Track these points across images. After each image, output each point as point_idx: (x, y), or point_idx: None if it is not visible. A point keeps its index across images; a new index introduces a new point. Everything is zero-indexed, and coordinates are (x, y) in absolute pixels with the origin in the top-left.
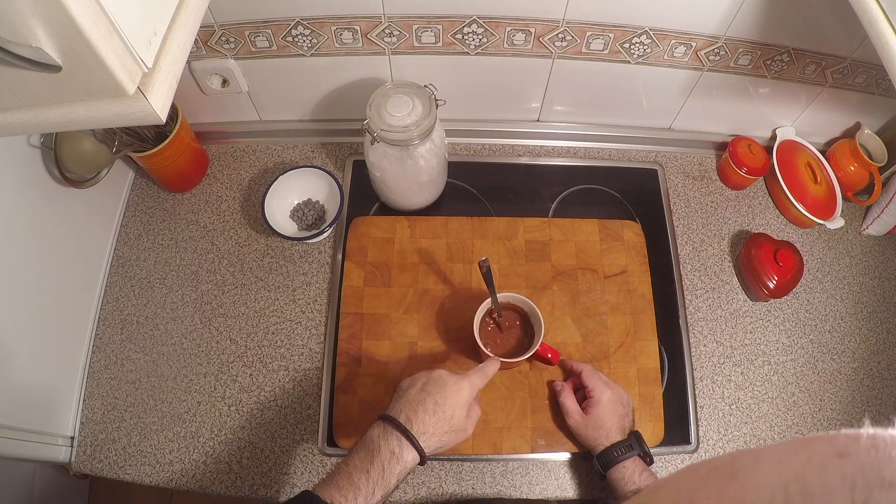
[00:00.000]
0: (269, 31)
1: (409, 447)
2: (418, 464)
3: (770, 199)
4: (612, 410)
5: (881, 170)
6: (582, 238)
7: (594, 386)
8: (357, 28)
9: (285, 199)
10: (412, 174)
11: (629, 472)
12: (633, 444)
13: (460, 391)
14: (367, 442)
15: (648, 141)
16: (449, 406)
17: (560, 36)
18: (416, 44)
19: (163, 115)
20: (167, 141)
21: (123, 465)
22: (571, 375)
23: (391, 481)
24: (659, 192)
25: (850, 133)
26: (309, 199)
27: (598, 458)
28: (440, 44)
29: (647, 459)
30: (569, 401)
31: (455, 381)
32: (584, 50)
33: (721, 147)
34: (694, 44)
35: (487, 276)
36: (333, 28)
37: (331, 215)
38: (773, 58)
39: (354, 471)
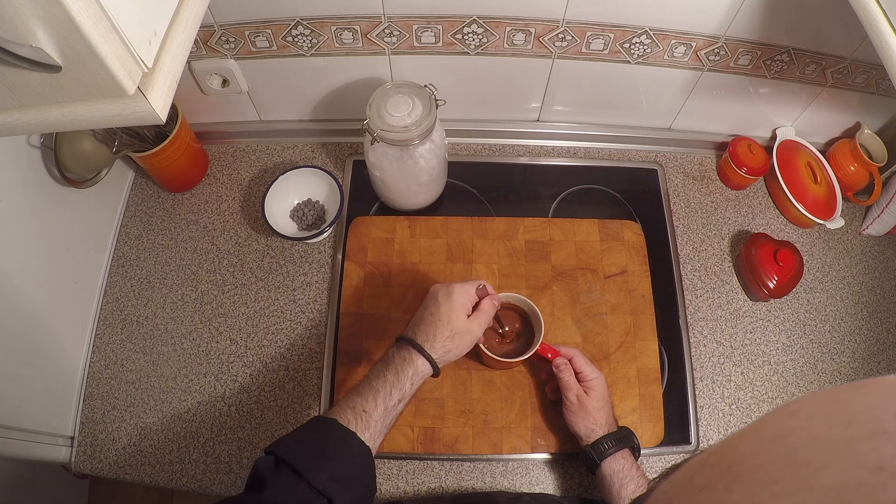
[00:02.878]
0: (269, 31)
1: (418, 354)
2: (432, 374)
3: (770, 199)
4: (606, 396)
5: (881, 170)
6: (582, 238)
7: (589, 370)
8: (357, 28)
9: (285, 199)
10: (412, 174)
11: (624, 466)
12: (626, 435)
13: (450, 297)
14: (384, 357)
15: (648, 141)
16: (443, 314)
17: (560, 36)
18: (416, 44)
19: (163, 115)
20: (167, 141)
21: (123, 465)
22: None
23: (405, 384)
24: (659, 192)
25: (850, 133)
26: (309, 199)
27: (593, 448)
28: (440, 44)
29: (637, 453)
30: (572, 379)
31: (447, 292)
32: (584, 50)
33: (721, 147)
34: (694, 44)
35: None
36: (333, 28)
37: (331, 215)
38: (773, 58)
39: (374, 378)
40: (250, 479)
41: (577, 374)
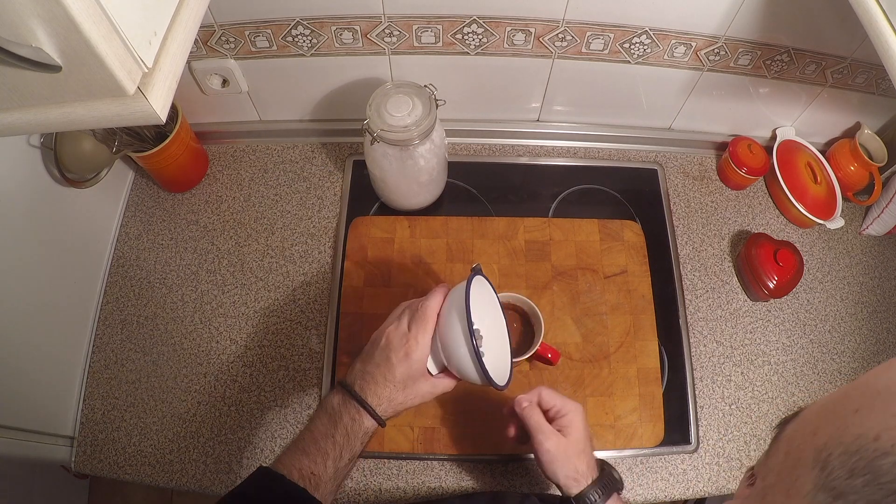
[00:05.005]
0: (269, 31)
1: (367, 415)
2: (380, 426)
3: (770, 199)
4: (586, 431)
5: (881, 170)
6: (582, 238)
7: (562, 404)
8: (357, 28)
9: None
10: (412, 174)
11: None
12: (610, 477)
13: (408, 357)
14: (328, 409)
15: (648, 141)
16: (399, 378)
17: (560, 36)
18: (416, 44)
19: (163, 115)
20: (167, 141)
21: (123, 465)
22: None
23: (356, 444)
24: (659, 192)
25: (850, 133)
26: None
27: (585, 498)
28: (440, 44)
29: (621, 488)
30: (543, 422)
31: (404, 352)
32: (584, 50)
33: (721, 147)
34: (694, 44)
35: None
36: (333, 28)
37: None
38: (773, 58)
39: (320, 437)
40: None
41: (548, 410)
